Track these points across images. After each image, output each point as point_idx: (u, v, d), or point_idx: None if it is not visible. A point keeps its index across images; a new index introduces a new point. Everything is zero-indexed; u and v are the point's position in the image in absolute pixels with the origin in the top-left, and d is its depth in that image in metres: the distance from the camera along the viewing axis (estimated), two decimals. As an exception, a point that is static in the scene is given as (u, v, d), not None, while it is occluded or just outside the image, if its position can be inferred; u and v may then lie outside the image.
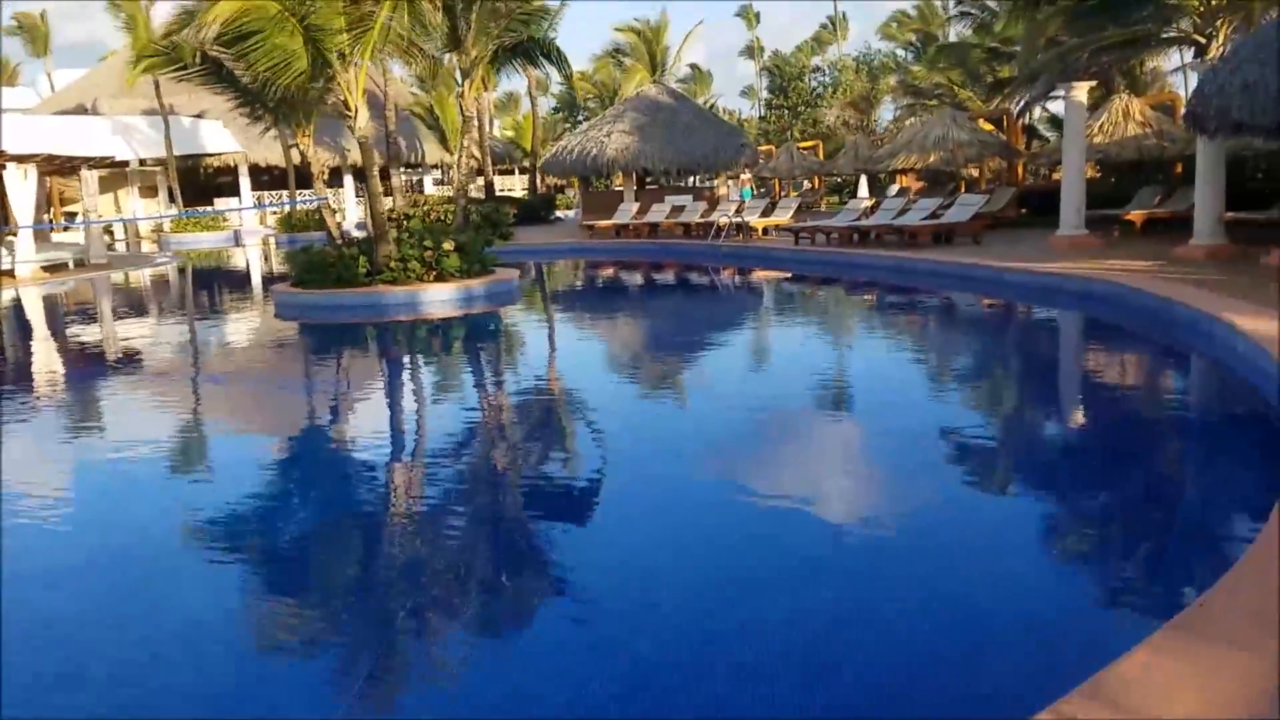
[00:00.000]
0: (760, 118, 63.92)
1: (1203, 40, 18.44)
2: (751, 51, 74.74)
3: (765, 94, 65.16)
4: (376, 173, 16.41)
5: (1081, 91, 16.07)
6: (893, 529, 5.07)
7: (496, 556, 5.01)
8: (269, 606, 4.59)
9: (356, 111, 15.75)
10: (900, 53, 57.26)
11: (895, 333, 12.28)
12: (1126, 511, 5.33)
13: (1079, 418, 7.83)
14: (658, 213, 26.20)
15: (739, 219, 22.25)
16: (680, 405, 8.66)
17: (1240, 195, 17.86)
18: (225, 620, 4.31)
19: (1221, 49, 15.83)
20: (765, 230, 22.58)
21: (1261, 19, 16.70)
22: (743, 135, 31.65)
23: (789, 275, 18.71)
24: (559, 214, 39.08)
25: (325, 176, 16.81)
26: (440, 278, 15.74)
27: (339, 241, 17.35)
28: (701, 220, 23.59)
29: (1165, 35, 19.84)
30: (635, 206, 27.36)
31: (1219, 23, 18.27)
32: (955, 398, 8.63)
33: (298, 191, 44.78)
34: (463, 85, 19.42)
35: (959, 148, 21.42)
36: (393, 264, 15.78)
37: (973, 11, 37.29)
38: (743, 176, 36.50)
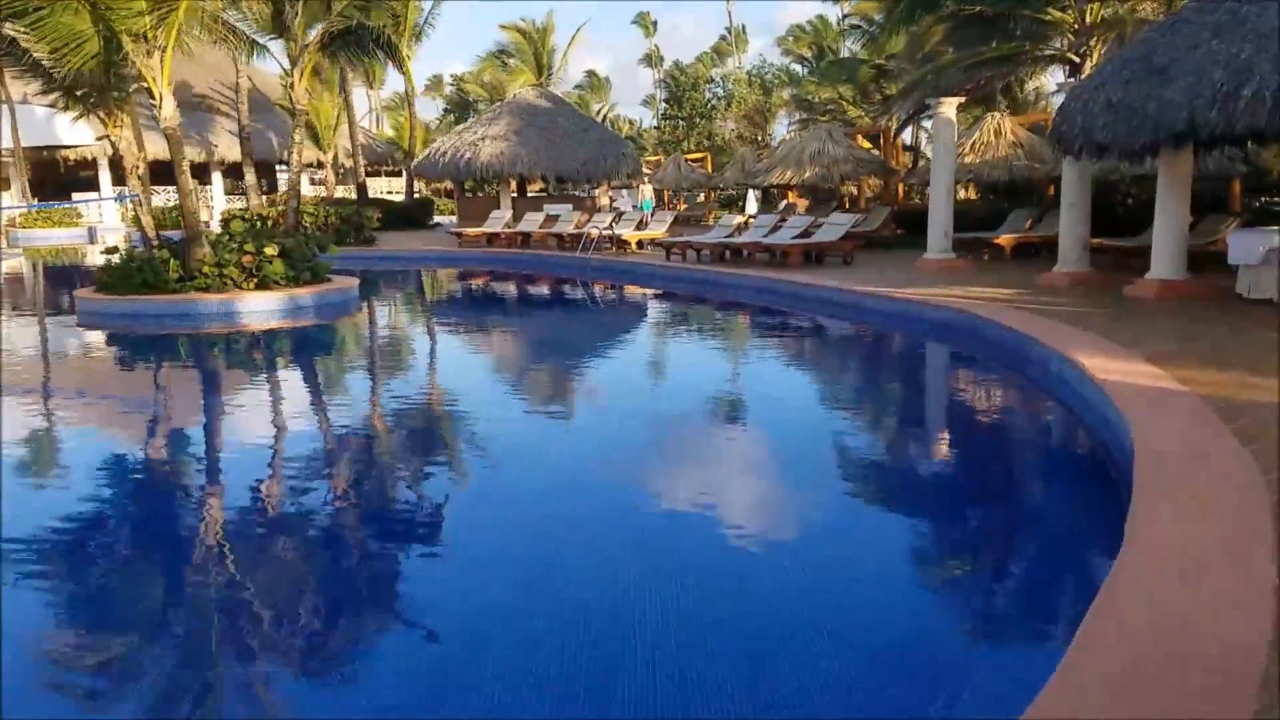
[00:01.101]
0: (655, 127, 63.33)
1: (1077, 59, 18.19)
2: (651, 60, 74.33)
3: (662, 104, 64.53)
4: (186, 168, 14.84)
5: (950, 108, 15.47)
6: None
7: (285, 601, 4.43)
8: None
9: (161, 100, 14.11)
10: (796, 67, 57.45)
11: (736, 358, 11.37)
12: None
13: (897, 457, 7.00)
14: (531, 221, 25.01)
15: (609, 231, 21.19)
16: (505, 433, 7.66)
17: (1111, 220, 17.62)
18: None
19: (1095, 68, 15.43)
20: (640, 244, 21.56)
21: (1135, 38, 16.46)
22: (625, 144, 30.68)
23: (653, 292, 17.76)
24: (440, 219, 37.48)
25: (140, 171, 15.01)
26: (262, 285, 14.21)
27: (154, 243, 15.69)
28: (575, 231, 22.46)
29: (1040, 53, 19.61)
30: (508, 214, 26.14)
31: (1093, 41, 18.05)
32: (769, 429, 7.65)
33: (164, 187, 42.18)
34: (292, 75, 17.81)
35: (834, 164, 20.79)
36: (207, 269, 14.19)
37: (861, 25, 37.24)
38: (643, 188, 35.50)
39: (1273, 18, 9.33)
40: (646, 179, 34.82)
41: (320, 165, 43.25)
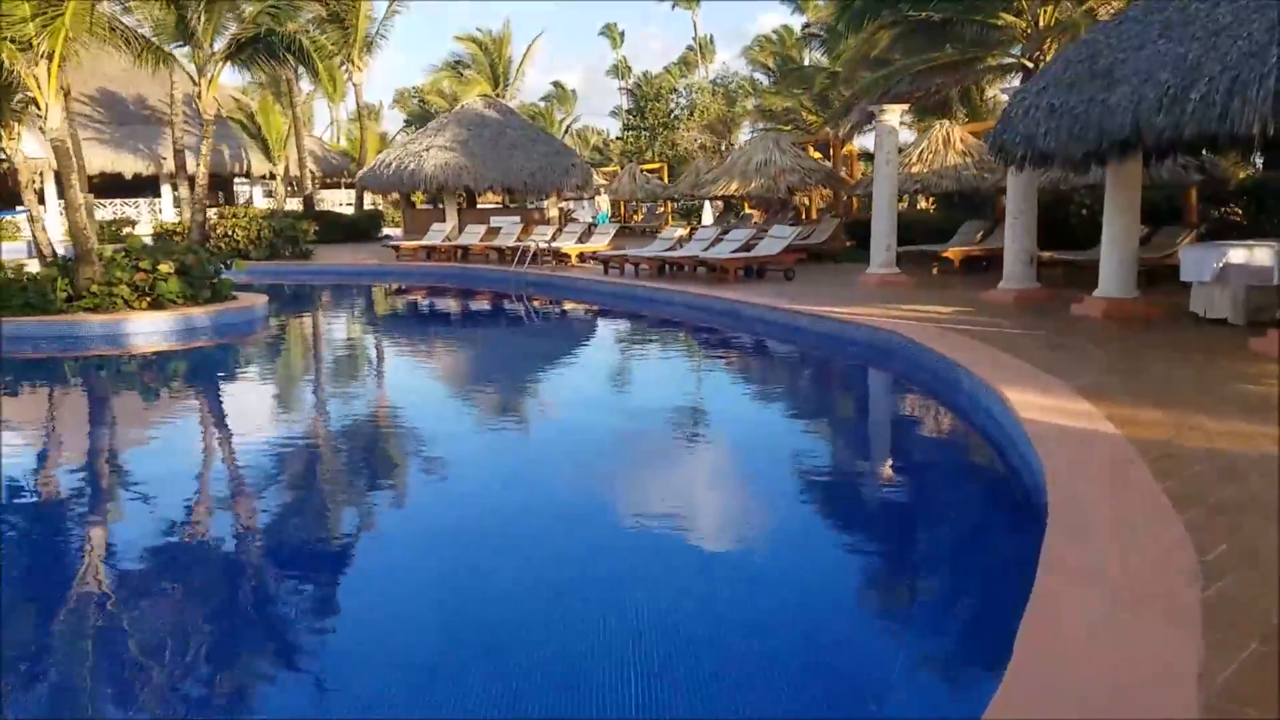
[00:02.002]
0: (617, 138, 62.58)
1: (1031, 65, 17.43)
2: (619, 71, 73.58)
3: (624, 115, 63.74)
4: (75, 181, 13.71)
5: (892, 115, 14.65)
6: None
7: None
8: None
9: (47, 110, 13.03)
10: (759, 77, 56.89)
11: (638, 378, 10.44)
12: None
13: (777, 493, 6.14)
14: (472, 234, 24.04)
15: (547, 245, 20.26)
16: (397, 461, 7.00)
17: (1065, 233, 16.87)
18: None
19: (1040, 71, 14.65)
20: (582, 257, 20.60)
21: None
22: (574, 155, 29.71)
23: (582, 308, 16.86)
24: (390, 232, 36.38)
25: (38, 185, 13.94)
26: (156, 305, 13.12)
27: (49, 259, 14.64)
28: (516, 244, 21.47)
29: (994, 60, 18.85)
30: (449, 227, 25.16)
31: (1047, 46, 17.29)
32: (632, 459, 6.71)
33: (110, 201, 40.92)
34: (199, 84, 16.73)
35: (781, 174, 19.93)
36: (96, 288, 13.11)
37: (819, 34, 36.54)
38: (598, 199, 34.63)
39: (1224, 14, 8.51)
40: (602, 190, 33.97)
41: (273, 177, 42.13)
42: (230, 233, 23.20)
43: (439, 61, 46.09)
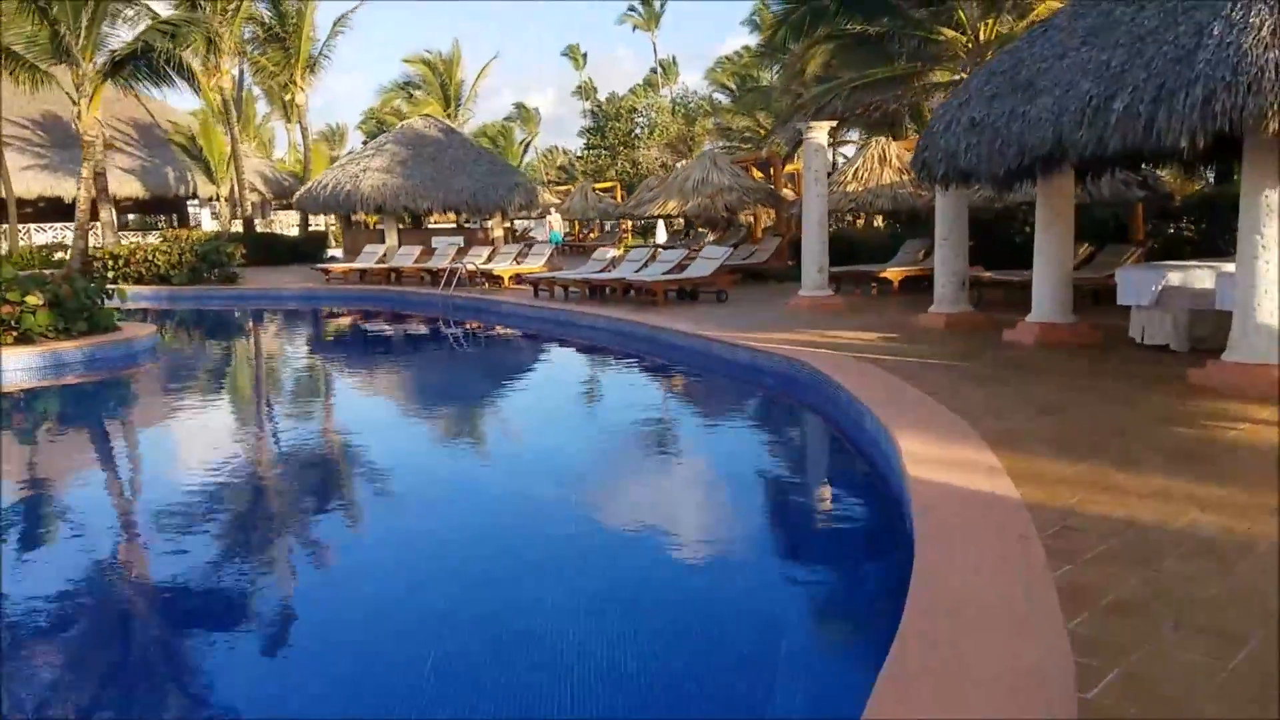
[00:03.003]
0: (578, 157, 61.91)
1: (969, 81, 16.77)
2: (584, 92, 72.96)
3: (587, 134, 63.05)
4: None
5: (820, 133, 13.89)
6: None
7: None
8: None
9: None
10: (719, 96, 56.48)
11: (549, 409, 9.54)
12: None
13: (642, 530, 5.21)
14: (406, 256, 23.10)
15: (475, 266, 19.36)
16: (261, 509, 6.14)
17: (1009, 252, 16.15)
18: None
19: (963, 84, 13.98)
20: (516, 279, 19.70)
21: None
22: (517, 174, 28.83)
23: (502, 332, 16.01)
24: (334, 254, 35.28)
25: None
26: (24, 339, 12.05)
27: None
28: (450, 266, 20.51)
29: (937, 76, 18.23)
30: (383, 249, 24.20)
31: (987, 60, 16.63)
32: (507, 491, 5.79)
33: (52, 225, 39.60)
34: (79, 103, 15.67)
35: (719, 193, 19.14)
36: (-44, 323, 12.03)
37: (775, 52, 35.98)
38: (549, 219, 33.71)
39: (1149, 18, 7.76)
40: (552, 210, 33.11)
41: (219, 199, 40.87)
42: (150, 257, 22.09)
43: (389, 83, 45.03)
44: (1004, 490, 4.94)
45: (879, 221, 24.11)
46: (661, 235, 38.55)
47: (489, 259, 21.25)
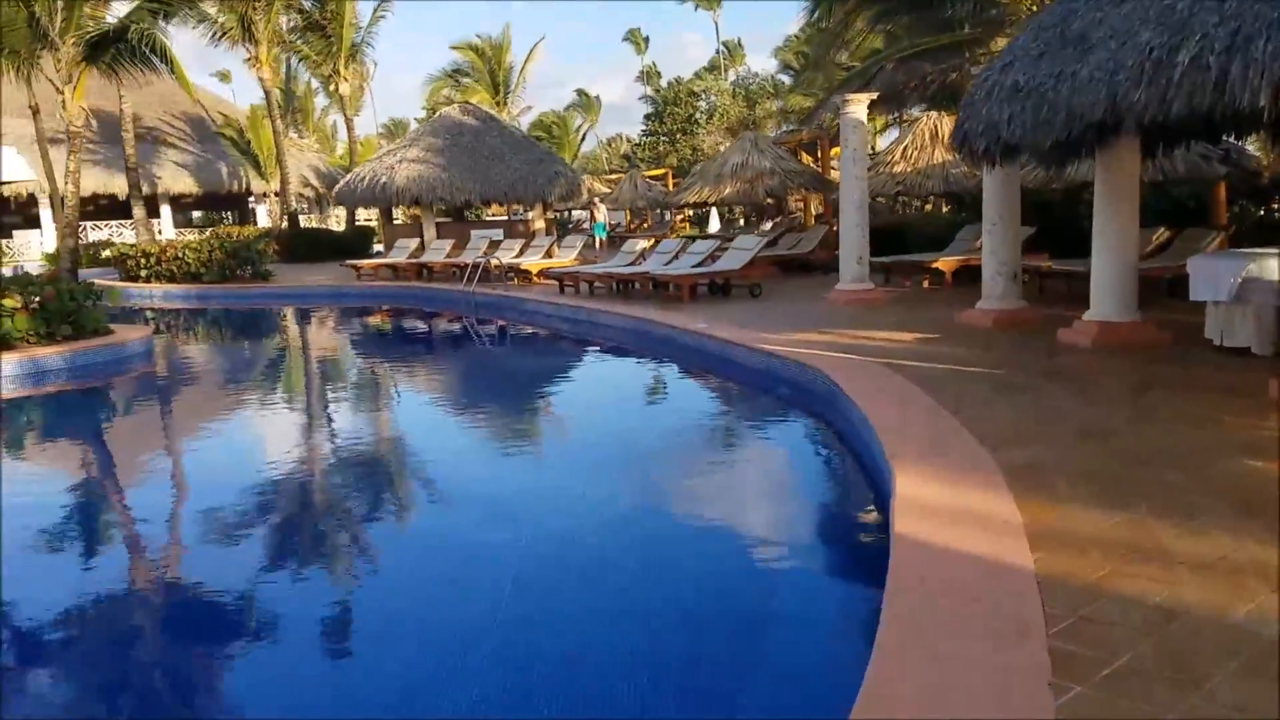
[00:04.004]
0: (636, 145, 60.75)
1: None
2: (647, 77, 71.89)
3: (645, 120, 61.83)
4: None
5: (858, 107, 12.58)
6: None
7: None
8: None
9: None
10: (782, 77, 54.85)
11: (511, 417, 8.49)
12: None
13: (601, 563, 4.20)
14: (437, 250, 22.36)
15: (498, 261, 18.47)
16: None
17: (1075, 238, 14.60)
18: None
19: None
20: (544, 274, 18.76)
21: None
22: (559, 162, 27.83)
23: (522, 331, 15.15)
24: (380, 248, 34.83)
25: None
26: (4, 345, 11.48)
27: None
28: (471, 261, 19.68)
29: (999, 42, 16.65)
30: (414, 243, 23.52)
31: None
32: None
33: (109, 222, 40.04)
34: (62, 91, 15.09)
35: (759, 178, 17.88)
36: (-70, 329, 11.51)
37: (819, 23, 34.35)
38: (594, 209, 32.75)
39: (1225, -46, 6.39)
40: (597, 201, 32.10)
41: (273, 195, 40.88)
42: (181, 255, 21.73)
43: (438, 71, 44.41)
44: (1013, 556, 3.76)
45: (933, 207, 22.56)
46: (715, 224, 37.29)
47: (520, 253, 20.33)
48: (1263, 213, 15.09)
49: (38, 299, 11.59)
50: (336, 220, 47.56)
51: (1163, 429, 5.69)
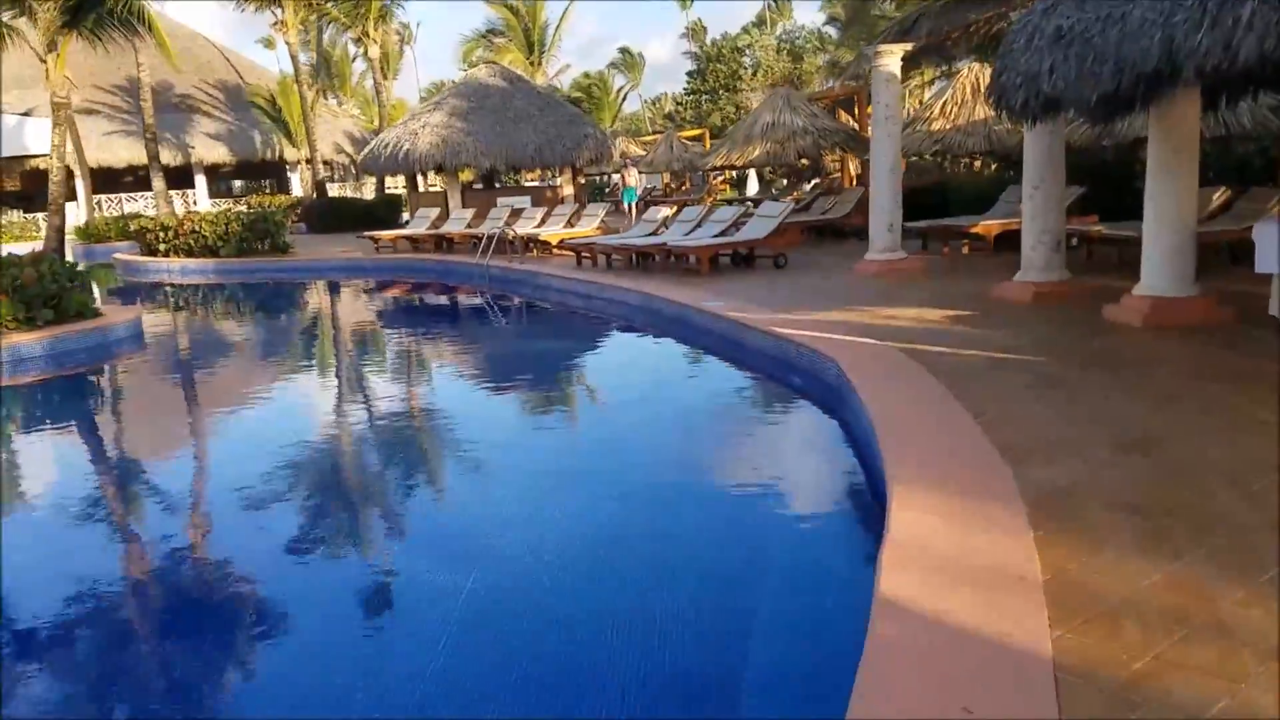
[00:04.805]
0: (677, 103, 59.29)
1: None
2: (694, 34, 70.20)
3: (687, 79, 60.30)
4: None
5: (891, 59, 11.55)
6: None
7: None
8: None
9: None
10: (828, 30, 53.09)
11: (504, 400, 7.75)
12: None
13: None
14: (459, 220, 21.66)
15: (512, 231, 17.70)
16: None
17: (1134, 200, 13.43)
18: None
19: None
20: (562, 244, 17.97)
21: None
22: (589, 125, 26.87)
23: (528, 306, 14.47)
24: (408, 217, 34.23)
25: None
26: (-20, 329, 10.99)
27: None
28: (486, 233, 18.93)
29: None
30: (435, 213, 22.83)
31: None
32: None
33: (137, 195, 39.90)
34: (45, 60, 14.50)
35: (790, 138, 16.85)
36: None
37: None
38: (628, 174, 31.76)
39: None
40: (628, 164, 31.10)
41: (304, 164, 40.48)
42: (198, 228, 21.29)
43: (471, 32, 43.49)
44: (1026, 634, 2.94)
45: (981, 165, 21.27)
46: (753, 186, 36.08)
47: (542, 222, 19.54)
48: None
49: (17, 281, 11.07)
50: (372, 188, 47.17)
51: (1222, 438, 4.78)
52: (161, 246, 21.39)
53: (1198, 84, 6.54)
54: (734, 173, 35.04)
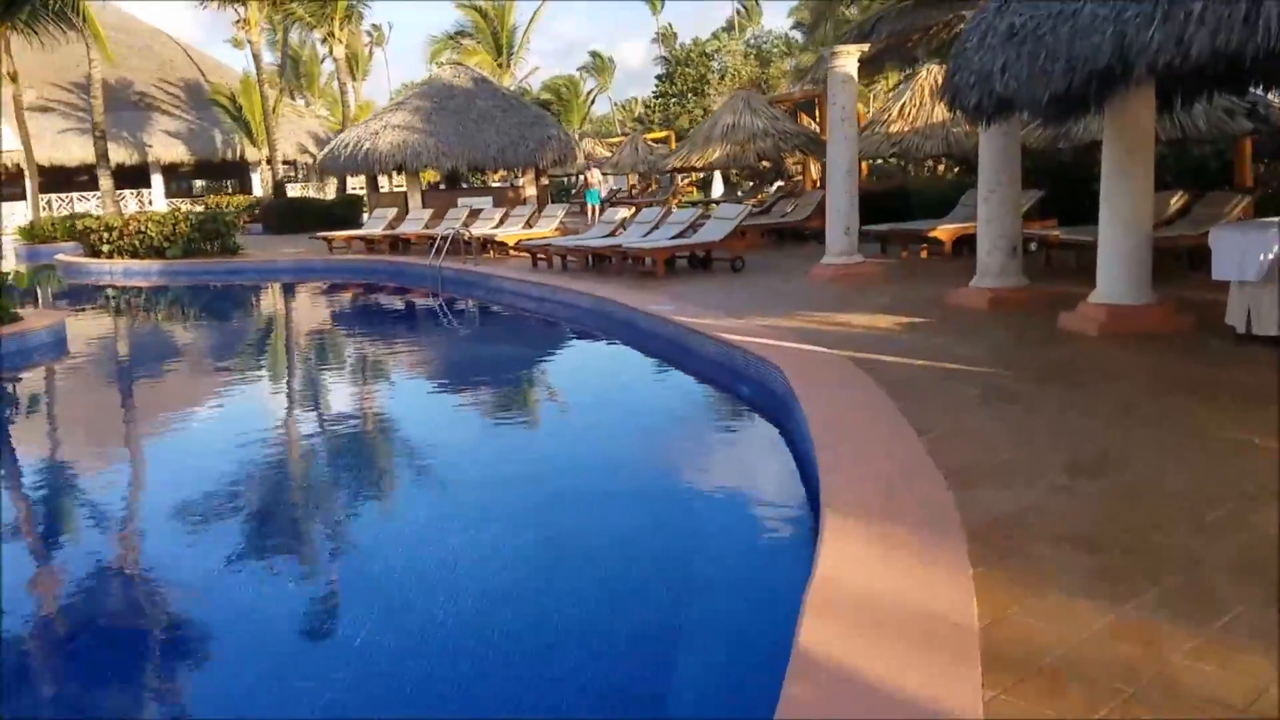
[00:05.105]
0: (646, 107, 59.03)
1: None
2: (664, 38, 69.91)
3: (656, 82, 60.01)
4: None
5: (848, 59, 11.28)
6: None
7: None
8: None
9: None
10: (795, 34, 53.07)
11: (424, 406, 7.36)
12: None
13: None
14: (415, 220, 21.23)
15: (468, 233, 17.31)
16: None
17: (1092, 203, 13.26)
18: None
19: None
20: (519, 245, 17.56)
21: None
22: (552, 126, 26.47)
23: (483, 311, 14.04)
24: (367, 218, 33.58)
25: None
26: None
27: None
28: (439, 233, 18.46)
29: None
30: (391, 214, 22.39)
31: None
32: None
33: (94, 194, 38.91)
34: None
35: (750, 140, 16.57)
36: None
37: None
38: (590, 175, 31.33)
39: None
40: (590, 166, 30.72)
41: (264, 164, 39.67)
42: (144, 229, 20.65)
43: (440, 33, 42.79)
44: (956, 697, 2.60)
45: (944, 169, 21.11)
46: (718, 189, 35.80)
47: (500, 223, 19.13)
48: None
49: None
50: (331, 188, 46.44)
51: (1180, 460, 4.49)
52: (105, 248, 20.73)
53: (1151, 81, 6.29)
54: (700, 174, 34.76)
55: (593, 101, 62.64)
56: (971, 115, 7.67)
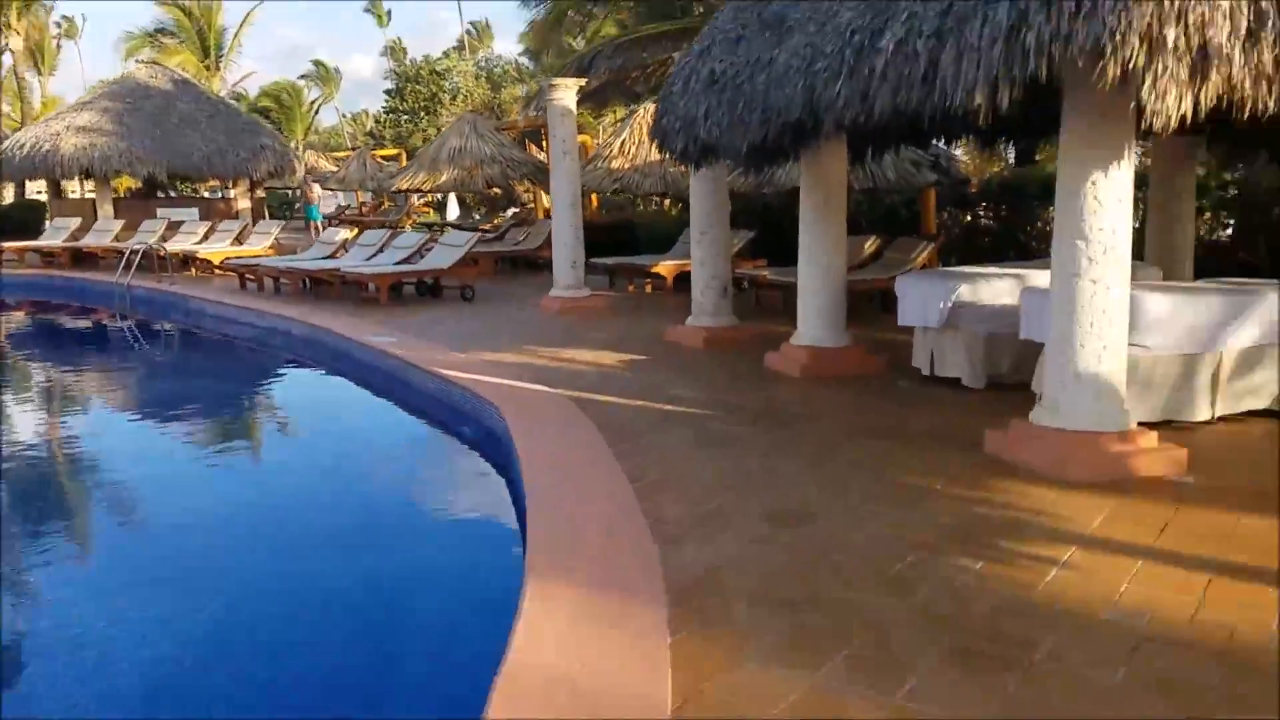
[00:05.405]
0: (377, 121, 57.17)
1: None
2: (393, 53, 67.89)
3: (385, 98, 58.21)
4: None
5: (566, 92, 11.29)
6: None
7: None
8: None
9: None
10: (525, 61, 53.28)
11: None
12: None
13: None
14: (102, 232, 19.11)
15: (162, 248, 15.77)
16: None
17: (798, 243, 14.05)
18: None
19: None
20: (225, 263, 16.17)
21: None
22: (267, 135, 24.82)
23: (170, 331, 12.73)
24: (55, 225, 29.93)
25: None
26: None
27: None
28: (128, 247, 16.69)
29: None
30: (74, 223, 20.10)
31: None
32: None
33: None
34: None
35: (479, 165, 16.25)
36: None
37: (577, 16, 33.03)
38: (311, 190, 29.52)
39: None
40: (309, 180, 29.11)
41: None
42: None
43: (137, 30, 38.98)
44: None
45: (670, 205, 21.81)
46: (454, 211, 35.10)
47: (205, 238, 17.61)
48: (969, 219, 15.16)
49: None
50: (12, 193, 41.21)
51: (869, 508, 4.64)
52: None
53: (842, 135, 6.59)
54: (436, 195, 33.91)
55: (317, 111, 59.86)
56: (680, 159, 7.80)
